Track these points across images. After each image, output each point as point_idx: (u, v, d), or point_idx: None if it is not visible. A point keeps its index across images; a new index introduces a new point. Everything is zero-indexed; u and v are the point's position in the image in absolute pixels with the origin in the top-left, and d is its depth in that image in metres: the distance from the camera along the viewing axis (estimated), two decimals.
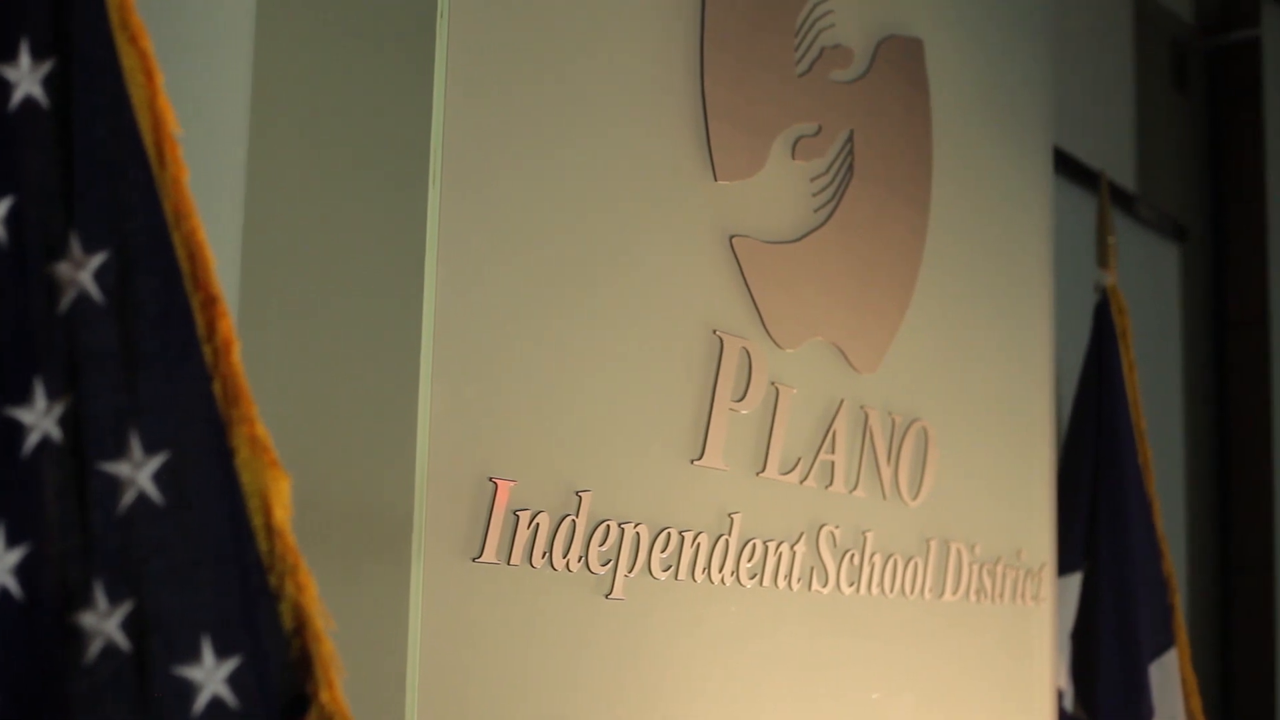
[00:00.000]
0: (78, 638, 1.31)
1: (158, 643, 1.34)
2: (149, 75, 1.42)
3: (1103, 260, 3.42)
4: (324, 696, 1.44)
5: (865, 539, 2.52)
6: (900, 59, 2.69)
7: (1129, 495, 3.30)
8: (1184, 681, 3.35)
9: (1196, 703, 3.36)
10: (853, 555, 2.49)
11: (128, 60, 1.41)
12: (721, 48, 2.26)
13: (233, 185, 2.01)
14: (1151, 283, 4.43)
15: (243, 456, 1.43)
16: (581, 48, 2.05)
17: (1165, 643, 3.34)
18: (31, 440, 1.31)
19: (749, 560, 2.27)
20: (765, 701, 2.30)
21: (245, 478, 1.43)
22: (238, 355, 1.44)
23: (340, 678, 1.45)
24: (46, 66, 1.35)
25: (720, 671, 2.22)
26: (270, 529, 1.44)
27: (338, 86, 1.97)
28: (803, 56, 2.45)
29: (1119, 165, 4.25)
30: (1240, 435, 4.71)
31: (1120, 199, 4.08)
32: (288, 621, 1.44)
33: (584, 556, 1.99)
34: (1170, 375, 4.55)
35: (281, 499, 1.44)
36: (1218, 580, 4.67)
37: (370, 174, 1.91)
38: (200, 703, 1.35)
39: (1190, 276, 4.67)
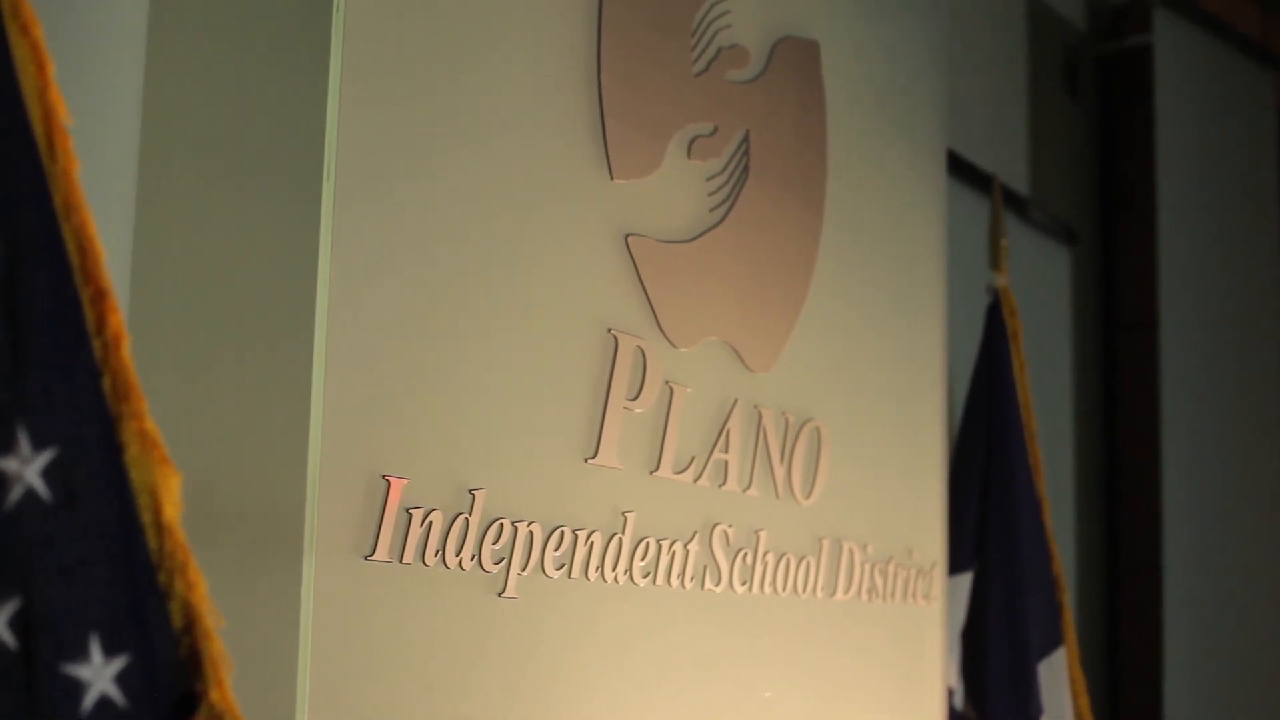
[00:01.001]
0: None
1: (45, 641, 1.32)
2: (40, 66, 1.40)
3: (995, 262, 3.45)
4: (214, 695, 1.43)
5: (758, 538, 2.53)
6: (797, 60, 2.70)
7: (1019, 495, 3.33)
8: (1072, 680, 3.39)
9: (1084, 701, 3.40)
10: (745, 554, 2.50)
11: (19, 50, 1.39)
12: (619, 46, 2.27)
13: (124, 178, 1.99)
14: (1043, 285, 4.48)
15: (132, 453, 1.42)
16: (479, 43, 2.05)
17: (1054, 642, 3.37)
18: None
19: (642, 559, 2.28)
20: (658, 700, 2.31)
21: (135, 474, 1.42)
22: (128, 350, 1.42)
23: (230, 676, 1.44)
24: None
25: (613, 670, 2.22)
26: (160, 526, 1.43)
27: (232, 79, 1.95)
28: (700, 56, 2.45)
29: (1011, 169, 4.29)
30: (1129, 437, 4.76)
31: (1012, 202, 4.11)
32: (177, 620, 1.43)
33: (477, 555, 1.99)
34: (1060, 377, 4.59)
35: (171, 496, 1.43)
36: (1106, 580, 4.72)
37: (264, 168, 1.90)
38: (88, 701, 1.34)
39: (1081, 280, 4.72)
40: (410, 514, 1.88)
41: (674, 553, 2.34)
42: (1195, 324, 4.85)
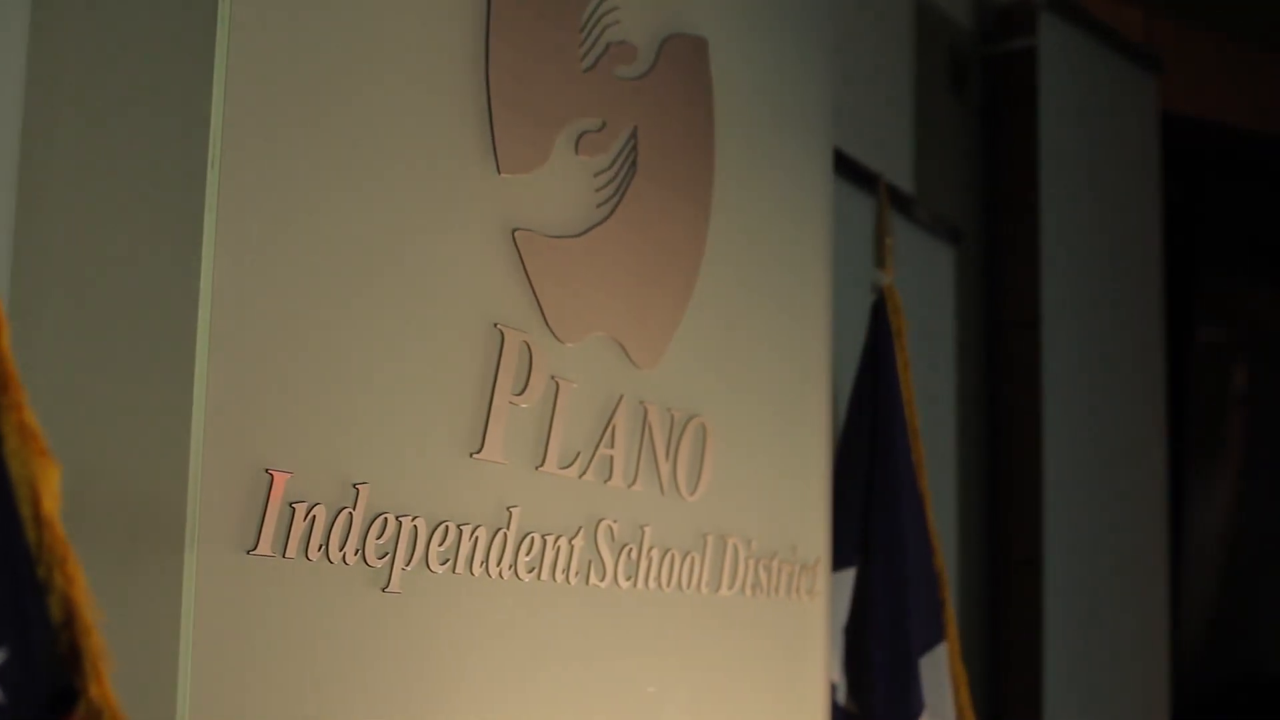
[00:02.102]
0: None
1: None
2: None
3: (880, 261, 3.46)
4: (93, 690, 1.42)
5: (643, 533, 2.53)
6: (685, 57, 2.70)
7: (902, 492, 3.35)
8: (954, 675, 3.41)
9: (966, 696, 3.43)
10: (630, 550, 2.50)
11: None
12: (507, 40, 2.26)
13: (4, 165, 1.97)
14: (927, 284, 4.51)
15: (11, 445, 1.40)
16: (367, 36, 2.04)
17: (936, 637, 3.39)
18: None
19: (527, 554, 2.28)
20: (542, 694, 2.31)
21: (13, 466, 1.40)
22: (7, 340, 1.41)
23: (110, 671, 1.43)
24: None
25: (498, 664, 2.22)
26: (39, 519, 1.41)
27: (115, 67, 1.93)
28: (588, 52, 2.46)
29: (897, 168, 4.32)
30: (1012, 435, 4.81)
31: (898, 201, 4.14)
32: (56, 614, 1.41)
33: (361, 549, 1.98)
34: (944, 375, 4.63)
35: (51, 489, 1.42)
36: (988, 576, 4.77)
37: (147, 158, 1.88)
38: None
39: (965, 278, 4.76)
40: (293, 508, 1.87)
41: (559, 548, 2.34)
42: (1077, 323, 4.91)
